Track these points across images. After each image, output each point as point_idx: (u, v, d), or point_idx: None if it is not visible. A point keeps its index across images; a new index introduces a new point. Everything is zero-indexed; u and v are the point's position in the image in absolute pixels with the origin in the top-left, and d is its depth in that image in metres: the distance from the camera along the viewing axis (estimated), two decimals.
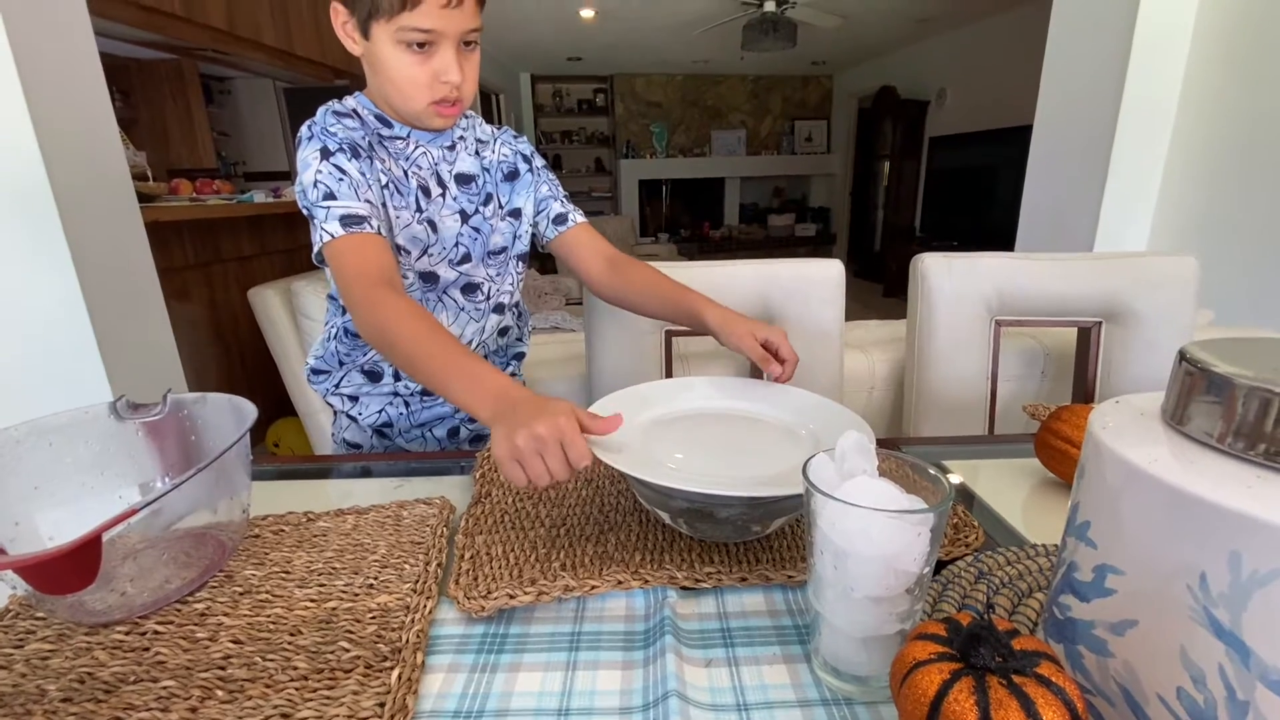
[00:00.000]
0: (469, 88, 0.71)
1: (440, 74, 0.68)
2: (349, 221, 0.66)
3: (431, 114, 0.71)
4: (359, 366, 0.85)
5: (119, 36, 2.47)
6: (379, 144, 0.74)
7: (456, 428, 0.89)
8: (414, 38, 0.66)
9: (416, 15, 0.64)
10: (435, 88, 0.69)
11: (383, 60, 0.68)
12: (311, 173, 0.68)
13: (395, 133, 0.75)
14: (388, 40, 0.67)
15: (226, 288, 2.23)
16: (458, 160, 0.79)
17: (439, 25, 0.65)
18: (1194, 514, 0.26)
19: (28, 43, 1.10)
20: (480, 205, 0.81)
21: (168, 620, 0.44)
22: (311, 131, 0.71)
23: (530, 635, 0.43)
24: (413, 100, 0.70)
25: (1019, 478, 0.65)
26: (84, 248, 1.20)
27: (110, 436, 0.54)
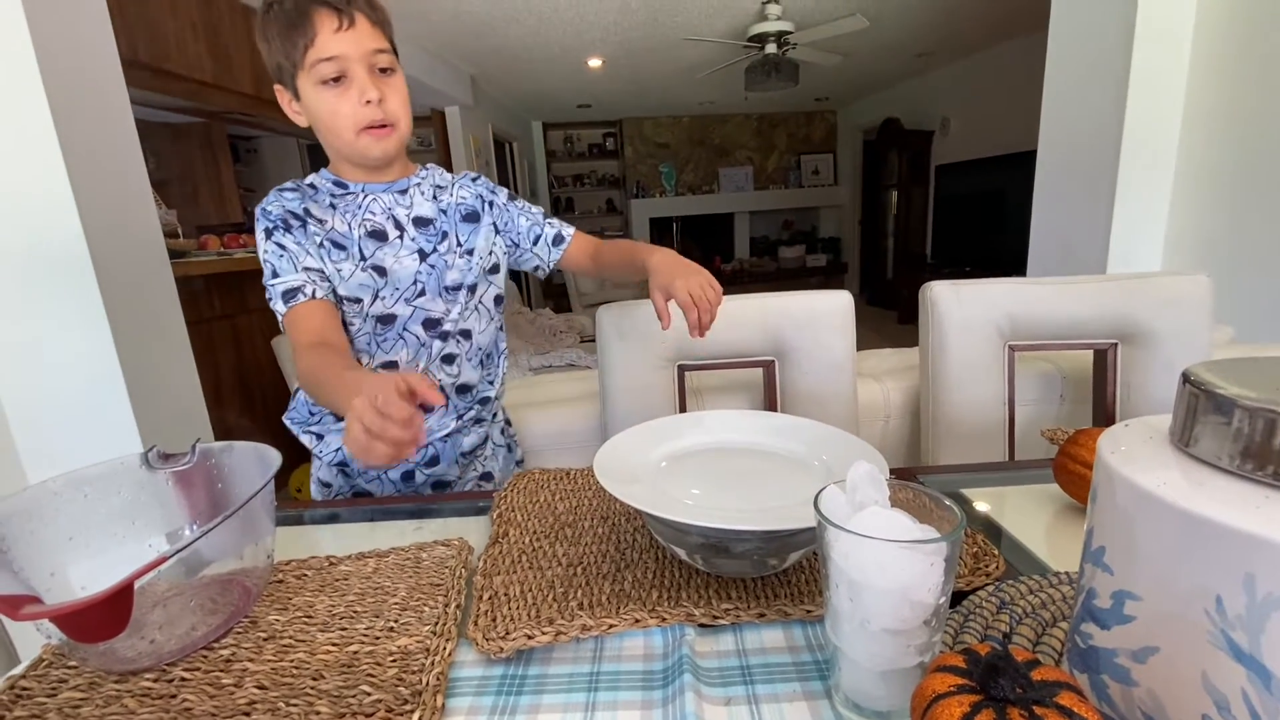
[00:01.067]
0: (394, 108, 0.76)
1: (359, 98, 0.73)
2: (289, 296, 0.75)
3: (366, 142, 0.75)
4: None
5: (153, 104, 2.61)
6: (328, 207, 0.80)
7: (411, 471, 0.90)
8: (324, 71, 0.71)
9: (316, 48, 0.71)
10: (358, 114, 0.73)
11: (313, 110, 0.75)
12: (260, 255, 0.77)
13: (349, 190, 0.81)
14: (310, 88, 0.73)
15: (251, 337, 2.30)
16: (414, 204, 0.84)
17: (339, 50, 0.71)
18: (1206, 537, 0.26)
19: (69, 114, 1.18)
20: (438, 244, 0.85)
21: (194, 667, 0.45)
22: (258, 215, 0.79)
23: (549, 676, 0.43)
24: (343, 133, 0.75)
25: (1040, 504, 0.64)
26: (118, 303, 1.25)
27: (141, 486, 0.56)
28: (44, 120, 1.14)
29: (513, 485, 0.70)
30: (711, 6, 3.60)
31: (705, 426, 0.67)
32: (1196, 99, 1.69)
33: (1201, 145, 1.71)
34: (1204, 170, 1.71)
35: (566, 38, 3.93)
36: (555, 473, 0.73)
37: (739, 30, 3.99)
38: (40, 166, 1.15)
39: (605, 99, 6.05)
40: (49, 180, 1.16)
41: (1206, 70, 1.67)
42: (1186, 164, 1.74)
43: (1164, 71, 1.69)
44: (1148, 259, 1.82)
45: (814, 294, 1.02)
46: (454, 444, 0.90)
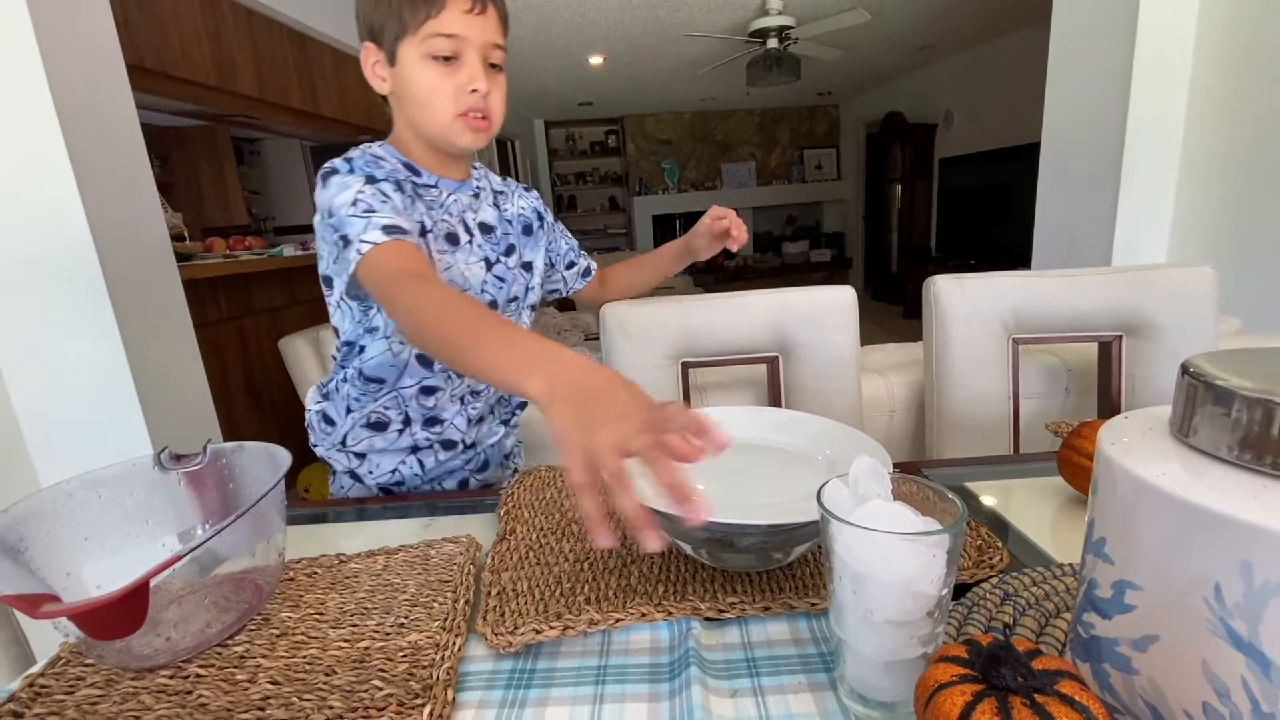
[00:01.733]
0: (496, 104, 0.72)
1: (467, 83, 0.69)
2: (392, 230, 0.63)
3: (460, 128, 0.71)
4: (365, 418, 0.82)
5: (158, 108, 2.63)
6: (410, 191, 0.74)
7: (466, 480, 0.89)
8: (440, 47, 0.67)
9: (441, 21, 0.66)
10: (461, 98, 0.69)
11: (410, 81, 0.69)
12: (351, 193, 0.65)
13: (425, 181, 0.75)
14: (415, 58, 0.68)
15: (258, 338, 2.31)
16: (480, 209, 0.81)
17: (463, 31, 0.67)
18: (1204, 526, 0.27)
19: (75, 120, 1.19)
20: (502, 255, 0.82)
21: (209, 663, 0.46)
22: (351, 166, 0.69)
23: (557, 669, 0.44)
24: (440, 113, 0.70)
25: (1045, 496, 0.65)
26: (126, 307, 1.26)
27: (154, 487, 0.56)
28: (51, 126, 1.15)
29: (519, 483, 0.71)
30: (712, 2, 3.59)
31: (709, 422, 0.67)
32: (1201, 89, 1.68)
33: (1207, 135, 1.70)
34: (1210, 160, 1.70)
35: (567, 35, 3.93)
36: (561, 470, 0.74)
37: (740, 25, 3.98)
38: (47, 172, 1.16)
39: (607, 96, 6.05)
40: (56, 186, 1.17)
41: (1211, 60, 1.65)
42: (1192, 154, 1.73)
43: (1168, 61, 1.68)
44: (1153, 250, 1.81)
45: (817, 290, 1.03)
46: (499, 448, 0.91)
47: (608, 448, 0.37)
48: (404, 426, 0.83)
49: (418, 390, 0.81)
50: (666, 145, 7.27)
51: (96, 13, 1.29)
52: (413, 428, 0.83)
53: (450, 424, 0.84)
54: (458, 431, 0.85)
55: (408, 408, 0.82)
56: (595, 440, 0.37)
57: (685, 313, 1.02)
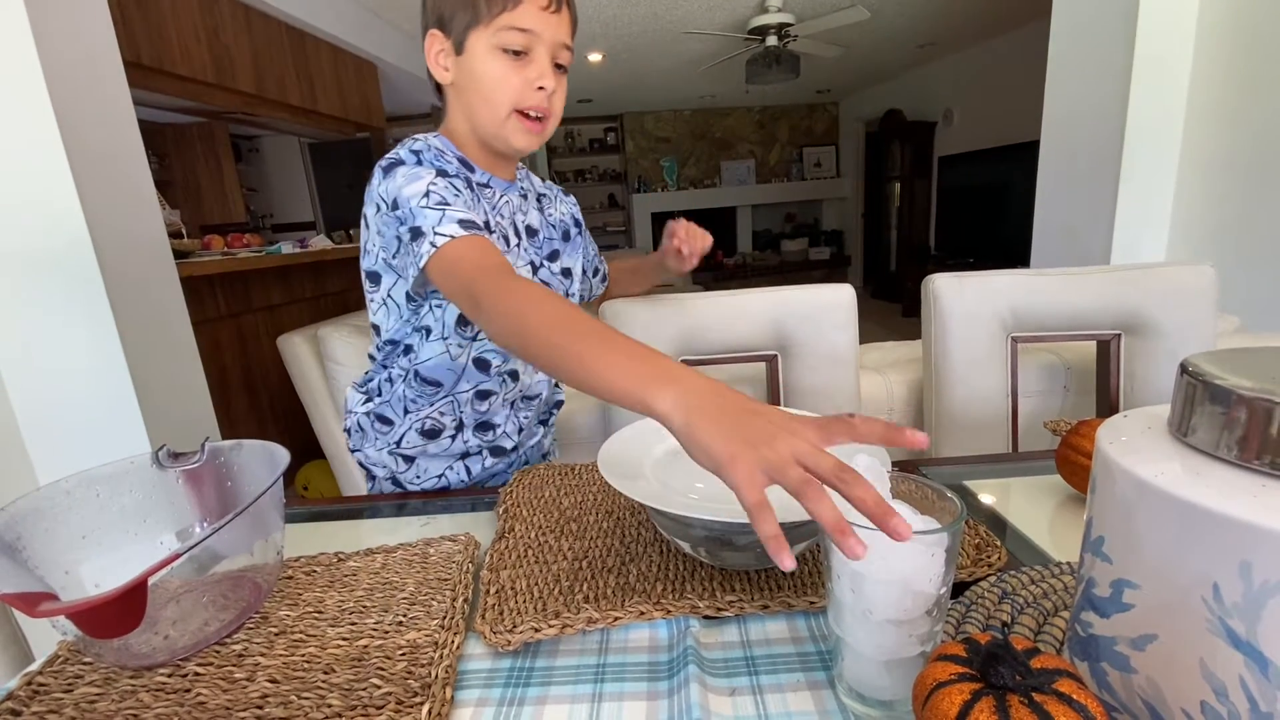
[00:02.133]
0: (558, 106, 0.71)
1: (534, 80, 0.68)
2: (468, 225, 0.61)
3: (515, 127, 0.70)
4: (421, 423, 0.80)
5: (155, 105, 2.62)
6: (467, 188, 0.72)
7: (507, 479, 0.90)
8: (513, 40, 0.66)
9: (517, 15, 0.65)
10: (526, 94, 0.68)
11: (475, 72, 0.68)
12: (423, 184, 0.64)
13: (479, 179, 0.74)
14: (484, 48, 0.67)
15: (257, 336, 2.31)
16: (528, 212, 0.80)
17: (537, 27, 0.66)
18: (1202, 525, 0.27)
19: (73, 117, 1.19)
20: (545, 259, 0.82)
21: (207, 662, 0.46)
22: (420, 158, 0.68)
23: (556, 668, 0.44)
24: (499, 106, 0.68)
25: (1043, 495, 0.65)
26: (124, 304, 1.26)
27: (152, 485, 0.56)
28: (48, 123, 1.15)
29: (518, 481, 0.71)
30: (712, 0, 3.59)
31: None
32: (1201, 86, 1.68)
33: (1207, 133, 1.70)
34: (1209, 158, 1.70)
35: None
36: (560, 468, 0.74)
37: (739, 23, 3.97)
38: (45, 169, 1.16)
39: (606, 93, 6.04)
40: (54, 183, 1.17)
41: (1211, 57, 1.65)
42: (1191, 152, 1.73)
43: (1167, 59, 1.68)
44: (1152, 248, 1.81)
45: (816, 288, 1.03)
46: (538, 449, 0.92)
47: (788, 460, 0.34)
48: (456, 432, 0.81)
49: (473, 395, 0.80)
50: (666, 143, 7.26)
51: (93, 9, 1.28)
52: (465, 433, 0.82)
53: (502, 430, 0.83)
54: (509, 439, 0.84)
55: (462, 413, 0.81)
56: (772, 454, 0.34)
57: (684, 310, 1.02)
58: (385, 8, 3.28)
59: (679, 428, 0.38)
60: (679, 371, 0.42)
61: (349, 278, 2.86)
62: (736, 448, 0.35)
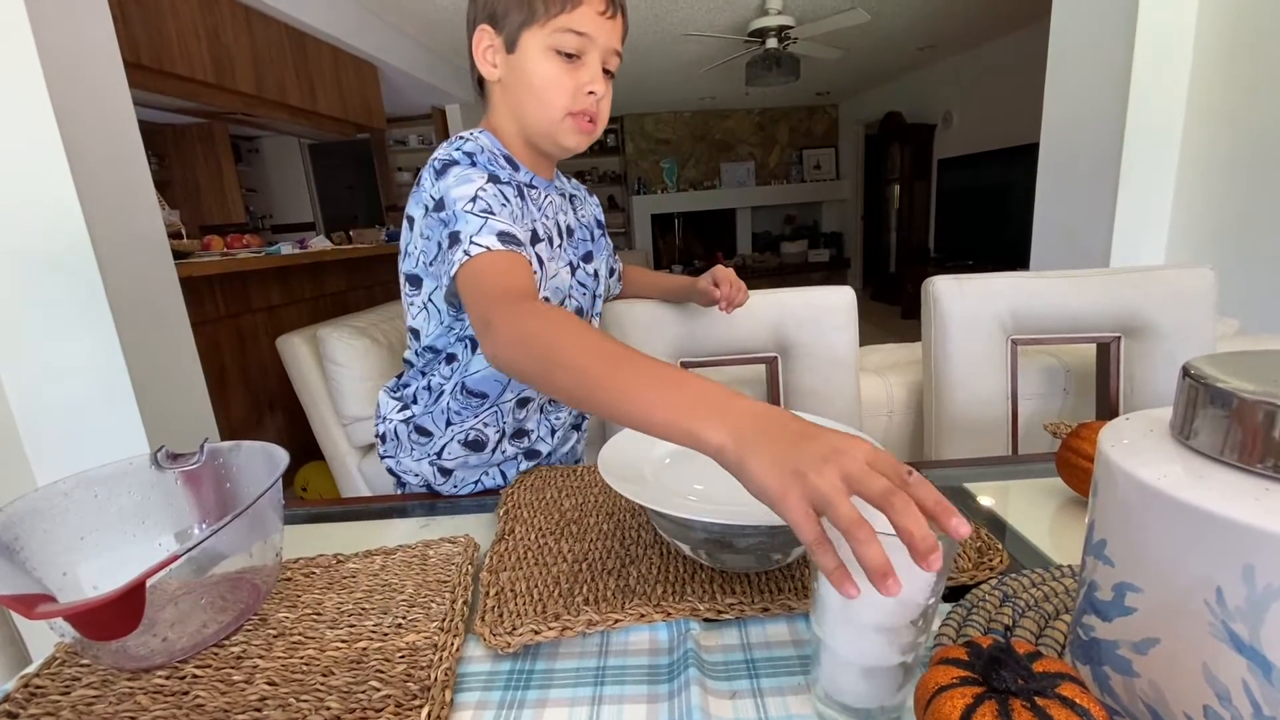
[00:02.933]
0: (605, 110, 0.71)
1: (586, 85, 0.68)
2: (507, 239, 0.60)
3: (568, 127, 0.69)
4: (465, 434, 0.78)
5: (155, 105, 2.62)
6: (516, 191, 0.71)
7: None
8: (568, 42, 0.66)
9: (574, 17, 0.65)
10: (578, 97, 0.68)
11: (527, 70, 0.67)
12: (472, 188, 0.63)
13: (521, 178, 0.73)
14: (537, 48, 0.67)
15: (256, 337, 2.31)
16: (567, 212, 0.80)
17: (592, 31, 0.66)
18: (1205, 528, 0.27)
19: (72, 117, 1.18)
20: (581, 260, 0.81)
21: (205, 664, 0.45)
22: (474, 161, 0.66)
23: (556, 670, 0.43)
24: (552, 108, 0.68)
25: (1044, 498, 0.65)
26: (122, 305, 1.26)
27: (151, 486, 0.56)
28: (48, 124, 1.14)
29: (519, 483, 0.71)
30: (712, 2, 3.59)
31: None
32: (1200, 89, 1.69)
33: (1206, 135, 1.70)
34: (1209, 161, 1.71)
35: None
36: (561, 470, 0.74)
37: (740, 25, 3.97)
38: (44, 169, 1.16)
39: None
40: (53, 183, 1.16)
41: (1210, 60, 1.66)
42: (1191, 155, 1.73)
43: (1167, 61, 1.68)
44: (1152, 251, 1.81)
45: (816, 290, 1.03)
46: (572, 454, 0.93)
47: (838, 490, 0.32)
48: (498, 442, 0.81)
49: (514, 403, 0.80)
50: (665, 144, 7.27)
51: (94, 9, 1.28)
52: (504, 443, 0.81)
53: (536, 435, 0.84)
54: (545, 444, 0.85)
55: (505, 423, 0.80)
56: (822, 483, 0.32)
57: (685, 312, 1.02)
58: (386, 9, 3.28)
59: (732, 463, 0.37)
60: (725, 400, 0.39)
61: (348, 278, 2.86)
62: (788, 480, 0.33)
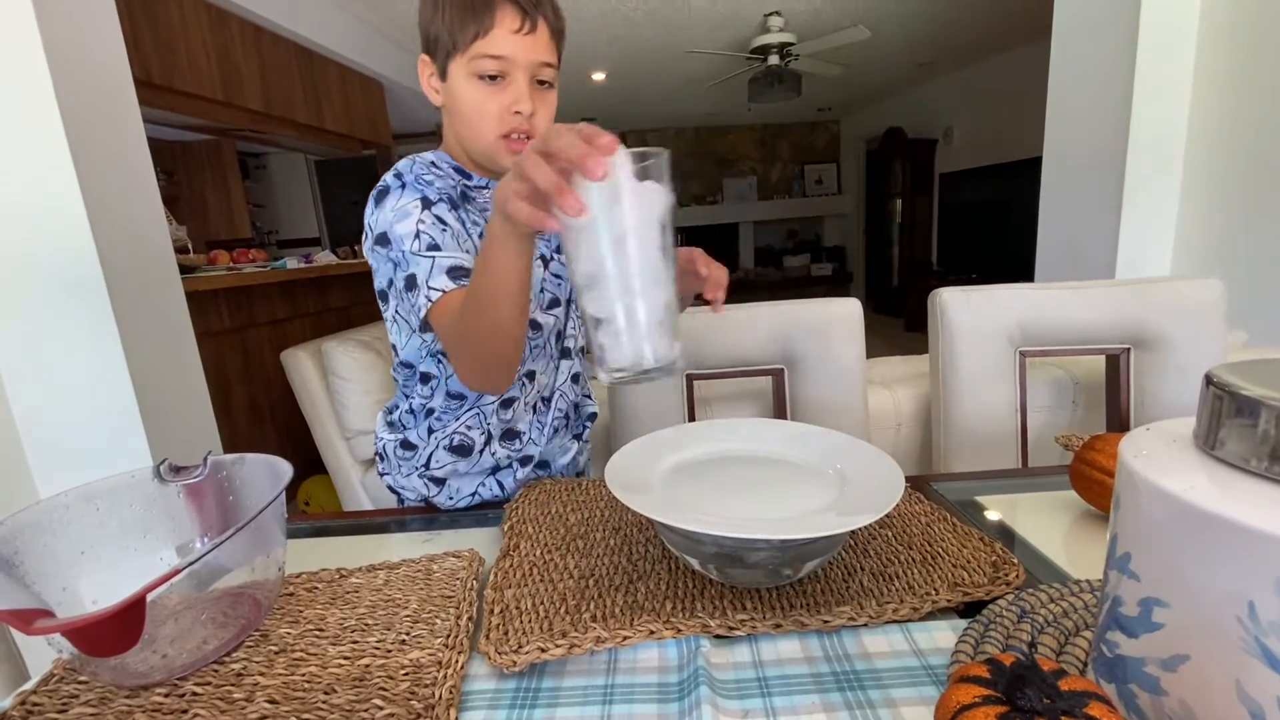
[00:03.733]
0: (541, 124, 0.71)
1: (511, 105, 0.68)
2: (457, 274, 0.63)
3: (502, 149, 0.71)
4: (449, 440, 0.80)
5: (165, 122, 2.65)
6: (461, 197, 0.74)
7: None
8: (486, 67, 0.67)
9: (488, 42, 0.66)
10: (505, 119, 0.69)
11: (457, 97, 0.69)
12: (412, 222, 0.66)
13: (476, 183, 0.75)
14: (463, 75, 0.68)
15: (260, 351, 2.31)
16: None
17: (510, 52, 0.66)
18: (1235, 541, 0.26)
19: (83, 134, 1.20)
20: (555, 251, 0.81)
21: (205, 681, 0.44)
22: (403, 181, 0.69)
23: (563, 689, 0.42)
24: (483, 133, 0.70)
25: (1057, 511, 0.63)
26: (129, 319, 1.26)
27: (153, 499, 0.55)
28: (58, 140, 1.15)
29: (524, 496, 0.70)
30: (714, 20, 3.63)
31: (716, 435, 0.67)
32: (1202, 102, 1.69)
33: (1209, 148, 1.70)
34: (1213, 173, 1.71)
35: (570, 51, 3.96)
36: (566, 483, 0.73)
37: (742, 42, 4.02)
38: (55, 185, 1.17)
39: (609, 111, 6.10)
40: (63, 198, 1.17)
41: (1212, 73, 1.66)
42: (1195, 167, 1.73)
43: (1169, 75, 1.69)
44: (1157, 263, 1.81)
45: (822, 302, 1.02)
46: (573, 465, 0.89)
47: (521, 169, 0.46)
48: (485, 445, 0.81)
49: (498, 404, 0.80)
50: None
51: (106, 28, 1.30)
52: (493, 445, 0.81)
53: (528, 437, 0.83)
54: (535, 446, 0.84)
55: (489, 424, 0.81)
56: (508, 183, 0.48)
57: (690, 325, 1.01)
58: (392, 28, 3.33)
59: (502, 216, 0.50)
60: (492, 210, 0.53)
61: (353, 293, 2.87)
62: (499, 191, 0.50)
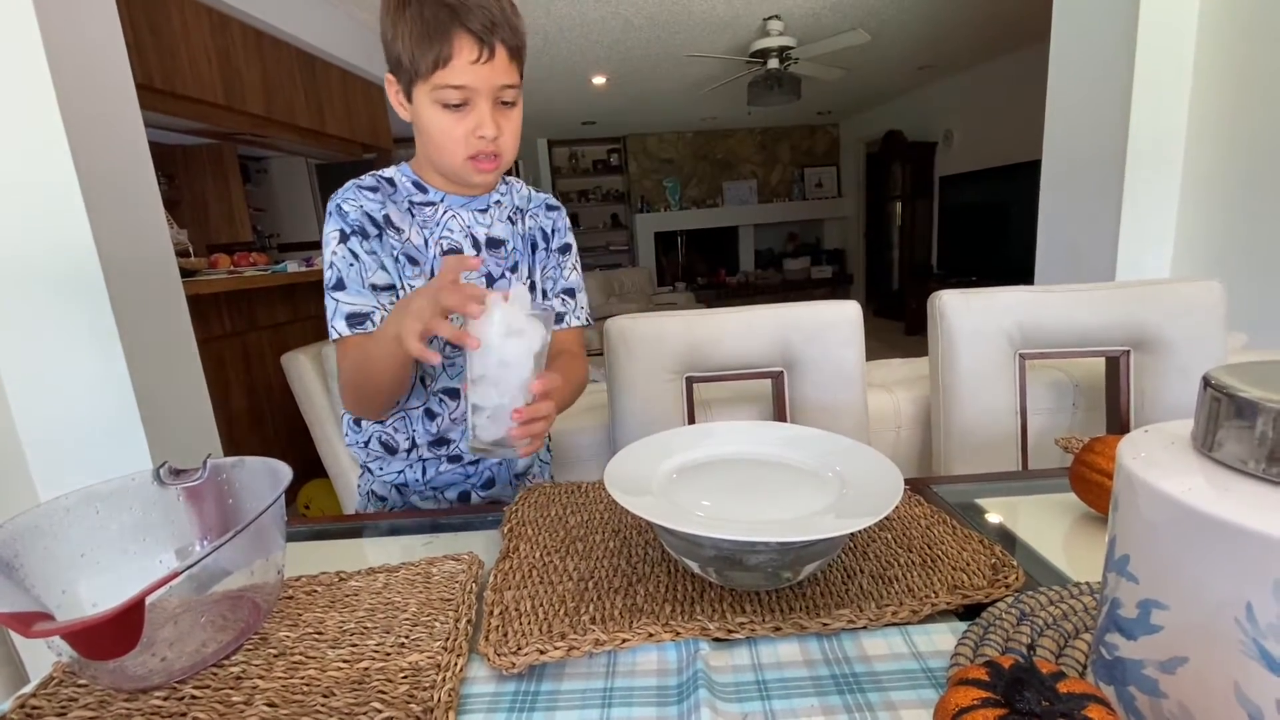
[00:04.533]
0: (506, 142, 0.73)
1: (475, 130, 0.70)
2: (354, 321, 0.73)
3: (469, 169, 0.73)
4: (379, 434, 0.85)
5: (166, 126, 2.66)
6: (406, 212, 0.77)
7: (467, 492, 0.89)
8: (448, 96, 0.68)
9: (449, 73, 0.67)
10: (470, 143, 0.71)
11: (423, 121, 0.72)
12: (328, 254, 0.74)
13: (428, 199, 0.78)
14: (426, 101, 0.70)
15: (261, 354, 2.31)
16: (492, 224, 0.82)
17: (470, 82, 0.68)
18: (1233, 542, 0.26)
19: (84, 138, 1.20)
20: (508, 270, 0.83)
21: (204, 684, 0.44)
22: (330, 210, 0.75)
23: (562, 692, 0.42)
24: (451, 156, 0.72)
25: (1057, 513, 0.63)
26: (129, 322, 1.26)
27: (152, 502, 0.55)
28: (59, 142, 1.16)
29: (523, 499, 0.70)
30: (714, 23, 3.64)
31: (716, 438, 0.67)
32: (1201, 104, 1.69)
33: (1208, 151, 1.70)
34: (1211, 176, 1.71)
35: (571, 56, 3.98)
36: (566, 486, 0.73)
37: (741, 46, 4.03)
38: (56, 189, 1.17)
39: (609, 115, 6.11)
40: (64, 202, 1.18)
41: (1210, 76, 1.67)
42: (1194, 170, 1.73)
43: (1168, 78, 1.69)
44: (1156, 266, 1.81)
45: (822, 304, 1.02)
46: (509, 466, 0.90)
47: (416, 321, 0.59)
48: (410, 450, 0.84)
49: (422, 412, 0.83)
50: (668, 164, 7.33)
51: (107, 32, 1.30)
52: (420, 450, 0.84)
53: (457, 446, 0.85)
54: (465, 454, 0.86)
55: (414, 430, 0.83)
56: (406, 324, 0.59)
57: (689, 327, 1.01)
58: None
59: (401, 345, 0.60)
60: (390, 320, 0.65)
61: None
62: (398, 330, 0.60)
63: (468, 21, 0.65)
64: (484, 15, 0.66)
